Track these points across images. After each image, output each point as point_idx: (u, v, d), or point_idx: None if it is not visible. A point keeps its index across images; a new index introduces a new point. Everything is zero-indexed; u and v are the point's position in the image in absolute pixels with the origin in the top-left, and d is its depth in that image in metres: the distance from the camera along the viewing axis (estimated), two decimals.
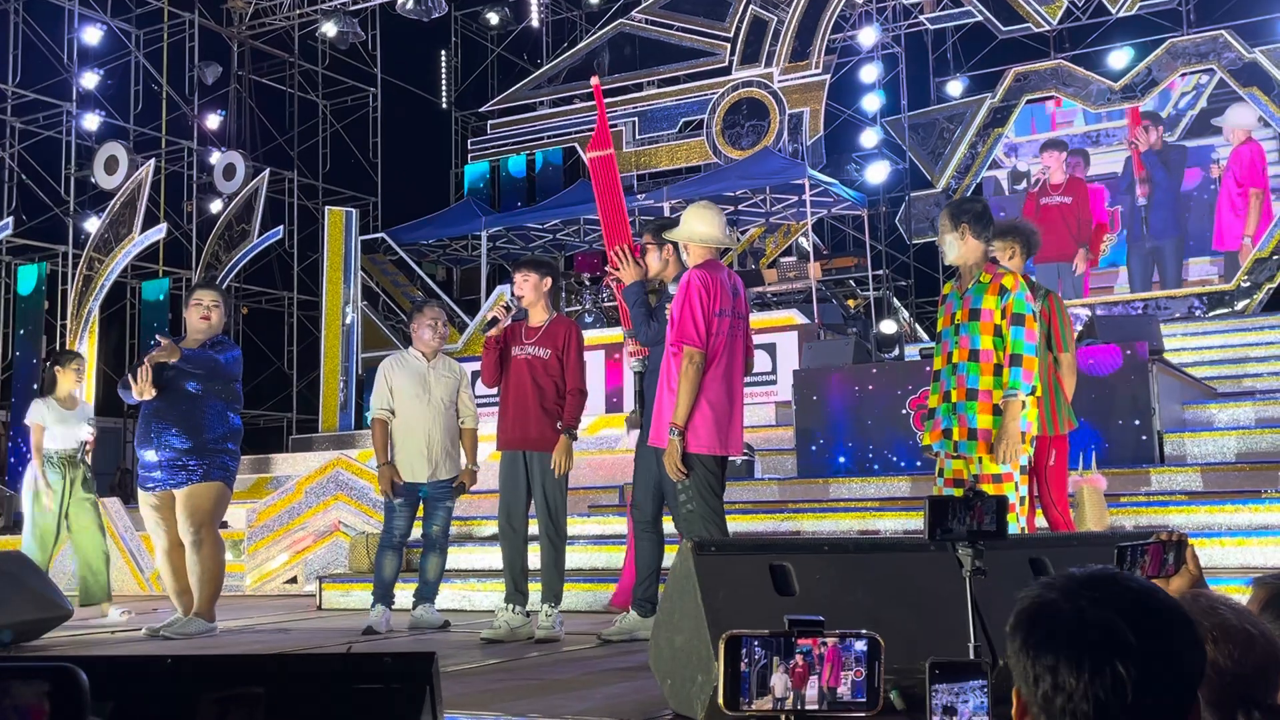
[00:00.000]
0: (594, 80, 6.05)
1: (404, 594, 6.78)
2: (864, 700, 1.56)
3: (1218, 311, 13.03)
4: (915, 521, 7.19)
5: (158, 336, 6.22)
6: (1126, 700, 1.24)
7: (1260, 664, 1.62)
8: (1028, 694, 1.31)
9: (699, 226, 5.17)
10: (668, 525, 5.54)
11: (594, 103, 17.06)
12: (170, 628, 6.19)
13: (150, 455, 6.26)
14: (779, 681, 1.49)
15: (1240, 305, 13.04)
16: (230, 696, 1.21)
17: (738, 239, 16.13)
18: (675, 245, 5.50)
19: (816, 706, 1.52)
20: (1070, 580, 1.34)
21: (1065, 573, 1.36)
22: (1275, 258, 13.23)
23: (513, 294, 6.00)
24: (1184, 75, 14.24)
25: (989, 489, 4.78)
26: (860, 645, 1.54)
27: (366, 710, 1.23)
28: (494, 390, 6.15)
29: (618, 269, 5.38)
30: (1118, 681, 1.25)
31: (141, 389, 6.08)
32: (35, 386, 11.72)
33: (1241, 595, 2.20)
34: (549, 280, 6.02)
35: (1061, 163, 11.72)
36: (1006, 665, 1.37)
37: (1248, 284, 13.21)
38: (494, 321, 5.86)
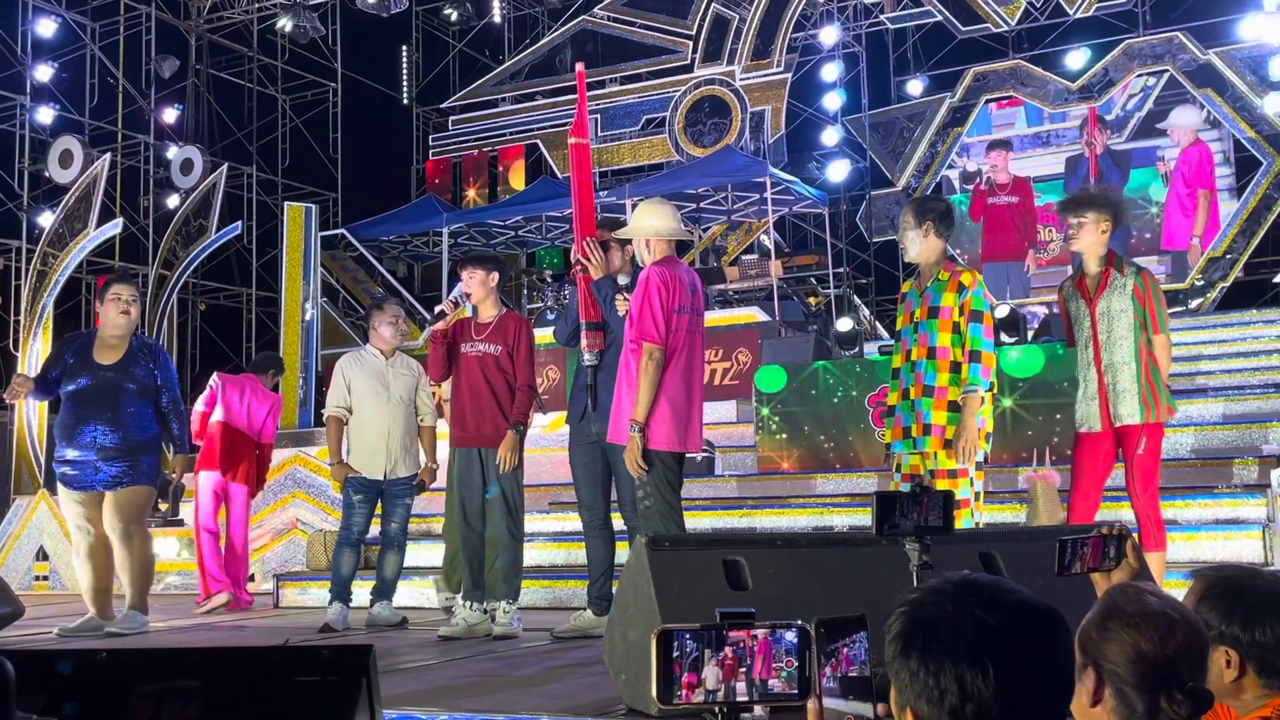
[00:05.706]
0: (579, 67, 6.03)
1: (362, 591, 6.75)
2: (795, 692, 1.57)
3: (1172, 310, 13.14)
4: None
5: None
6: (1033, 696, 1.30)
7: (1183, 648, 1.69)
8: (929, 711, 1.35)
9: (654, 221, 5.15)
10: (617, 523, 5.57)
11: (557, 99, 17.12)
12: (118, 624, 6.14)
13: (81, 454, 6.16)
14: (710, 674, 1.51)
15: (1194, 304, 13.21)
16: (166, 689, 1.21)
17: (700, 235, 16.16)
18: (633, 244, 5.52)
19: (747, 698, 1.54)
20: (954, 588, 1.39)
21: (941, 581, 1.42)
22: (1229, 257, 13.42)
23: (461, 291, 5.98)
24: (1138, 76, 14.39)
25: (944, 484, 4.83)
26: (790, 636, 1.56)
27: (303, 702, 1.23)
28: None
29: (588, 260, 5.36)
30: (1024, 679, 1.31)
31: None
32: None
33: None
34: (495, 275, 6.00)
35: (1007, 162, 11.79)
36: (885, 677, 1.42)
37: (1201, 283, 13.39)
38: (440, 315, 5.84)
